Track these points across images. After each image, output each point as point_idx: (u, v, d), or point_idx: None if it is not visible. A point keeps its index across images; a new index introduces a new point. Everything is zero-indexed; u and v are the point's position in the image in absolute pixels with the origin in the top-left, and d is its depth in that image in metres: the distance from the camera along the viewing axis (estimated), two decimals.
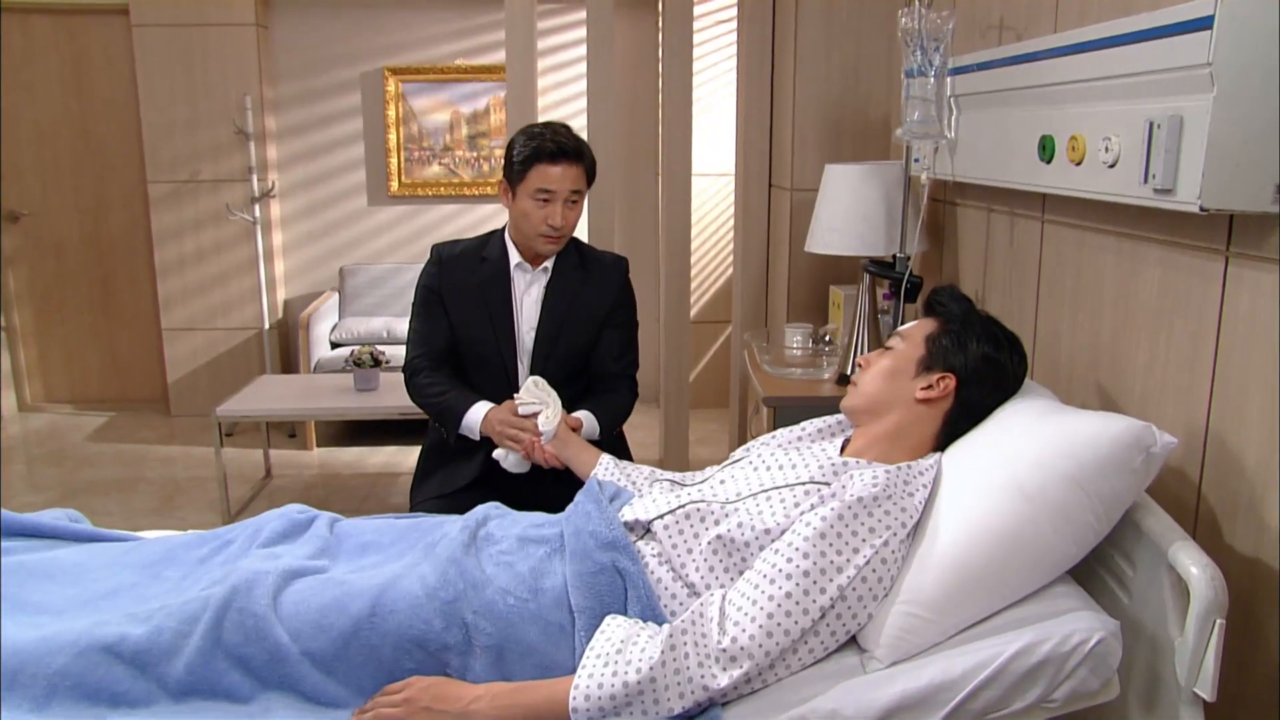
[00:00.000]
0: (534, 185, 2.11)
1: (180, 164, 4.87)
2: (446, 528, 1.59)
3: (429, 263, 2.28)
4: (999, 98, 1.88)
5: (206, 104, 4.81)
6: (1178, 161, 1.27)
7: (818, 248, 2.55)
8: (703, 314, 5.15)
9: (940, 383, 1.49)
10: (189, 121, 4.83)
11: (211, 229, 4.93)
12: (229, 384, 4.62)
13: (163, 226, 4.92)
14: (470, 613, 1.36)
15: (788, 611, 1.25)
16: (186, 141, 4.84)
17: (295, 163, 5.11)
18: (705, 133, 4.86)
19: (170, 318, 5.01)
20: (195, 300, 5.00)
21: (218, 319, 5.02)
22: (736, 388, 3.59)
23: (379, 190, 5.15)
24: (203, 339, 5.04)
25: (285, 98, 5.04)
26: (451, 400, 2.18)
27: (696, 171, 4.76)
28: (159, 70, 4.78)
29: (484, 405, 2.15)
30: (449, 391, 2.20)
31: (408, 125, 5.09)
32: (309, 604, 1.38)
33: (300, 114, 5.06)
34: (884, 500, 1.32)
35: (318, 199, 5.17)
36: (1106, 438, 1.26)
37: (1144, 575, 1.28)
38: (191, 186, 4.89)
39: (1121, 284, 1.61)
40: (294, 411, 3.88)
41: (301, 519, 1.67)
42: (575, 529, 1.48)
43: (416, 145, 5.12)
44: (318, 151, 5.11)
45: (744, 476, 1.52)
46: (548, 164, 2.10)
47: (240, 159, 4.84)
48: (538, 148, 2.10)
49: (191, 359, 5.06)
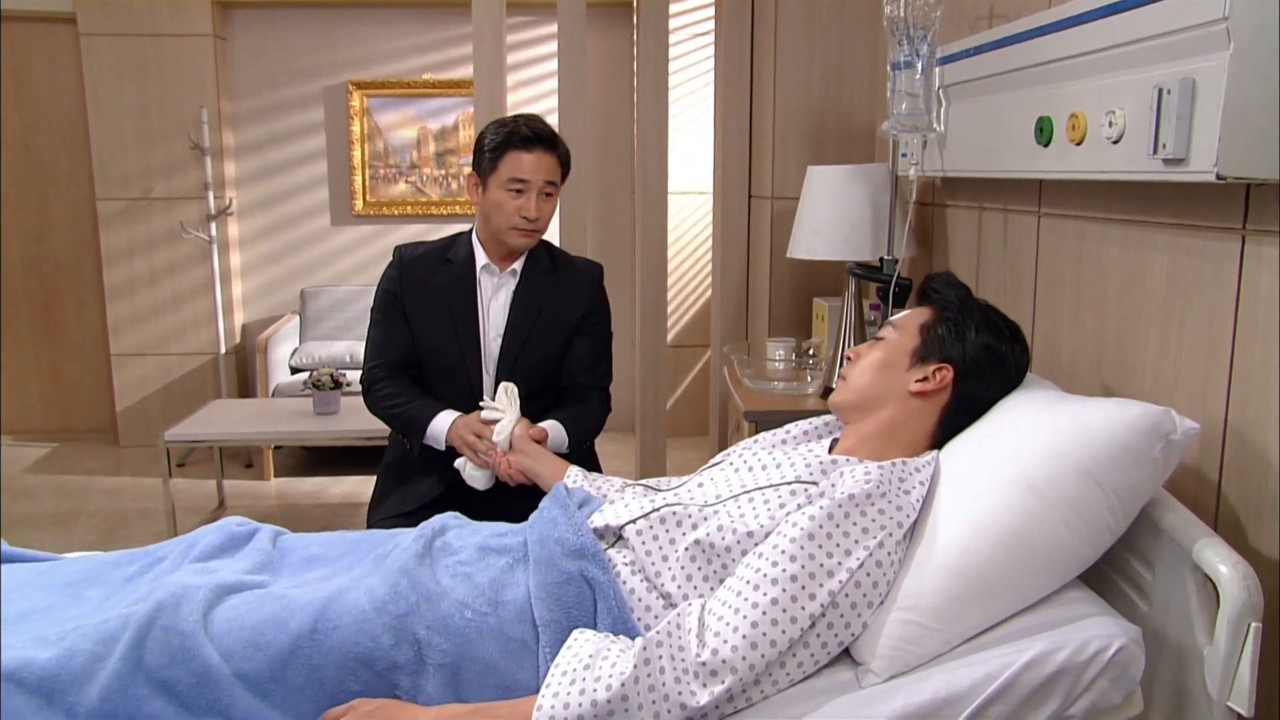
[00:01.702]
0: (506, 174, 2.05)
1: (131, 180, 4.78)
2: (400, 539, 1.51)
3: (390, 265, 2.22)
4: (991, 83, 1.84)
5: (160, 118, 4.73)
6: (1190, 128, 1.22)
7: (800, 253, 2.50)
8: (681, 337, 5.11)
9: (937, 374, 1.43)
10: (141, 136, 4.75)
11: (165, 249, 4.83)
12: (182, 412, 4.46)
13: (112, 246, 4.82)
14: (423, 628, 1.28)
15: (774, 620, 1.16)
16: (138, 157, 4.76)
17: (254, 180, 5.05)
18: (682, 149, 4.85)
19: (120, 343, 4.89)
20: (147, 324, 4.89)
21: (171, 344, 4.92)
22: (716, 406, 3.53)
23: (343, 209, 5.10)
24: (154, 365, 4.93)
25: (244, 112, 4.98)
26: (414, 410, 2.11)
27: (673, 189, 4.71)
28: (109, 82, 4.70)
29: (451, 414, 2.08)
30: (411, 401, 2.13)
31: (373, 141, 5.05)
32: (243, 621, 1.29)
33: (260, 129, 5.01)
34: (878, 498, 1.25)
35: (278, 218, 5.10)
36: (1122, 424, 1.19)
37: (1165, 578, 1.20)
38: (143, 204, 4.80)
39: (1127, 274, 1.56)
40: (248, 436, 3.75)
41: (241, 532, 1.58)
42: (540, 536, 1.41)
43: (382, 162, 5.08)
44: (278, 168, 5.05)
45: (724, 479, 1.45)
46: (521, 150, 2.05)
47: (196, 175, 4.76)
48: (511, 132, 2.05)
49: (142, 386, 4.95)
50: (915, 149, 2.19)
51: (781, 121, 3.07)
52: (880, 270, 2.29)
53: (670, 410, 4.88)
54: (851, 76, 3.03)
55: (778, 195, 3.10)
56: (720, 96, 3.39)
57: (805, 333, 3.06)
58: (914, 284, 2.27)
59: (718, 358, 3.44)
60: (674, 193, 4.72)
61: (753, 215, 3.36)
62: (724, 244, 3.43)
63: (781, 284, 3.15)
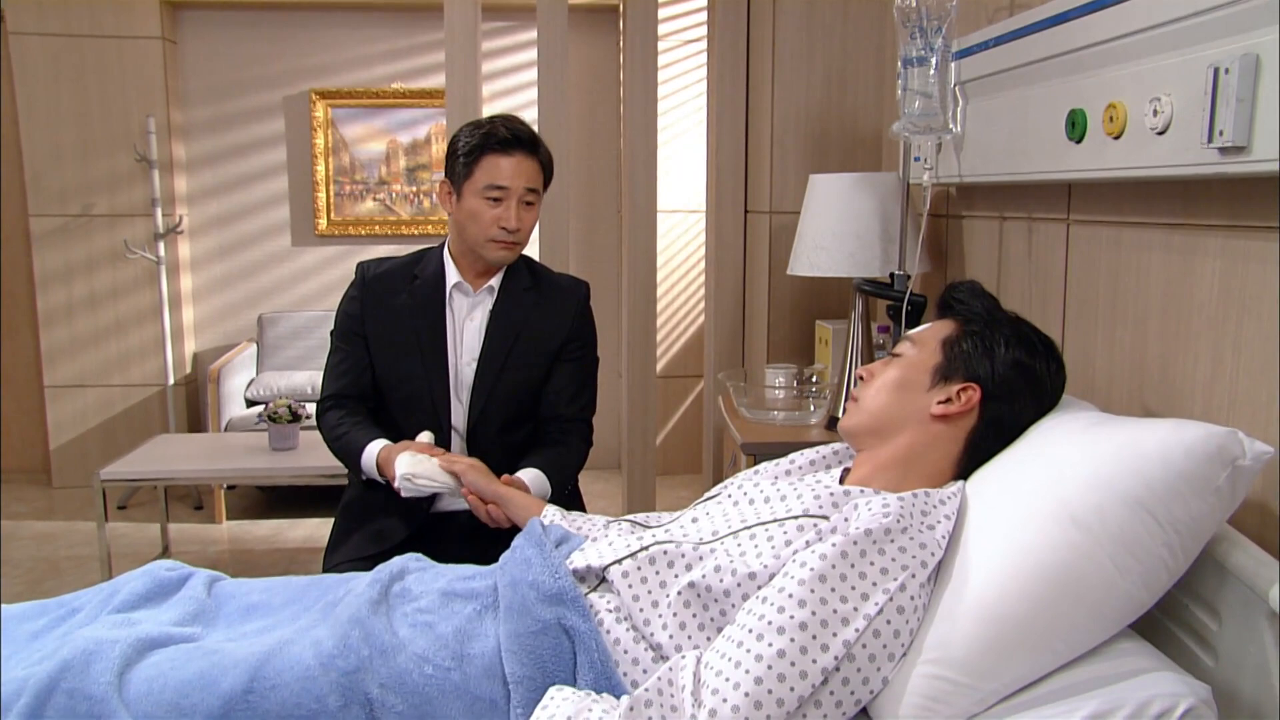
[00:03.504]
0: (483, 181, 1.99)
1: (70, 195, 4.71)
2: (353, 584, 1.44)
3: (352, 284, 2.17)
4: (1015, 76, 1.80)
5: (102, 127, 4.67)
6: (1252, 112, 1.16)
7: (802, 270, 2.44)
8: (671, 367, 5.08)
9: (962, 395, 1.37)
10: (80, 146, 4.68)
11: (107, 270, 4.76)
12: (124, 450, 4.39)
13: (48, 267, 4.74)
14: (376, 686, 1.22)
15: (780, 675, 1.09)
16: (77, 170, 4.69)
17: (208, 196, 5.01)
18: (672, 164, 4.84)
19: (55, 374, 4.80)
20: (86, 353, 4.81)
21: (113, 375, 4.83)
22: (710, 439, 3.47)
23: (305, 229, 5.07)
24: (94, 398, 4.84)
25: (196, 122, 4.95)
26: (352, 437, 2.06)
27: (663, 207, 4.70)
28: (43, 86, 4.63)
29: (384, 442, 2.03)
30: (350, 430, 2.08)
31: (338, 156, 5.03)
32: (167, 681, 1.22)
33: (214, 141, 4.98)
34: (898, 533, 1.18)
35: (234, 238, 5.06)
36: (1180, 449, 1.12)
37: (1234, 628, 1.12)
38: (83, 221, 4.73)
39: (1171, 284, 1.50)
40: (196, 474, 3.64)
41: (171, 577, 1.51)
42: (512, 580, 1.35)
43: (348, 178, 5.05)
44: (234, 184, 5.02)
45: (722, 513, 1.39)
46: (499, 154, 1.99)
47: (142, 190, 4.70)
48: (487, 134, 2.00)
49: (79, 421, 4.85)
50: (929, 153, 2.14)
51: (780, 129, 3.04)
52: (891, 287, 2.23)
53: (660, 446, 4.84)
54: (856, 79, 3.00)
55: (776, 209, 3.06)
56: (714, 102, 3.36)
57: (807, 359, 3.02)
58: (928, 302, 2.22)
59: (711, 386, 3.38)
60: (664, 211, 4.71)
61: (749, 232, 3.31)
62: (718, 263, 3.38)
63: (781, 306, 3.11)
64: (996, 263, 2.13)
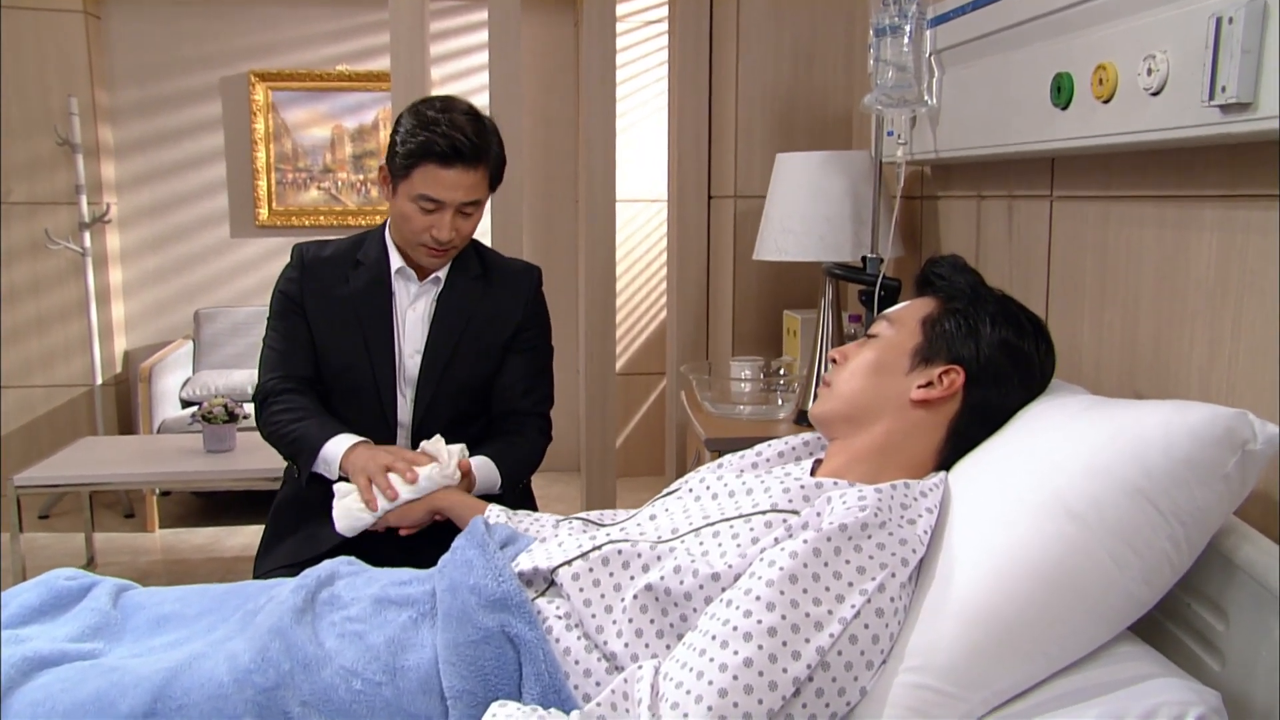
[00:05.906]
0: (418, 189, 1.91)
1: None
2: (277, 591, 1.38)
3: (289, 266, 2.10)
4: (994, 42, 1.77)
5: (19, 107, 4.55)
6: (1259, 64, 1.11)
7: (768, 255, 2.40)
8: (632, 364, 5.07)
9: (944, 378, 1.33)
10: None
11: (26, 262, 4.65)
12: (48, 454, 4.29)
13: None
14: (297, 704, 1.17)
15: (748, 686, 1.03)
16: None
17: (139, 184, 4.94)
18: (632, 152, 4.81)
19: None
20: (4, 351, 4.69)
21: (34, 375, 4.73)
22: (673, 436, 3.44)
23: (244, 219, 5.03)
24: (13, 400, 4.73)
25: (125, 104, 4.87)
26: (312, 426, 1.98)
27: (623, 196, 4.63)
28: None
29: (354, 438, 1.95)
30: (308, 418, 2.00)
31: (279, 142, 5.01)
32: (56, 704, 1.15)
33: (145, 125, 4.91)
34: (875, 529, 1.13)
35: (168, 228, 5.00)
36: (1184, 432, 1.07)
37: (1243, 628, 1.07)
38: None
39: (1164, 261, 1.46)
40: (124, 478, 3.55)
41: (71, 587, 1.44)
42: (451, 584, 1.29)
43: (290, 166, 5.03)
44: (168, 171, 4.96)
45: (682, 509, 1.34)
46: (437, 166, 1.88)
47: (65, 176, 4.60)
48: (427, 143, 1.88)
49: None
50: (903, 127, 2.10)
51: (745, 109, 3.01)
52: (863, 271, 2.19)
53: (621, 446, 4.82)
54: (825, 55, 2.98)
55: (741, 194, 3.04)
56: (675, 82, 3.34)
57: (775, 350, 3.00)
58: (902, 287, 2.18)
59: (674, 381, 3.35)
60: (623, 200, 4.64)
61: (713, 218, 3.29)
62: (680, 252, 3.36)
63: (746, 295, 3.08)
64: (975, 244, 2.10)
